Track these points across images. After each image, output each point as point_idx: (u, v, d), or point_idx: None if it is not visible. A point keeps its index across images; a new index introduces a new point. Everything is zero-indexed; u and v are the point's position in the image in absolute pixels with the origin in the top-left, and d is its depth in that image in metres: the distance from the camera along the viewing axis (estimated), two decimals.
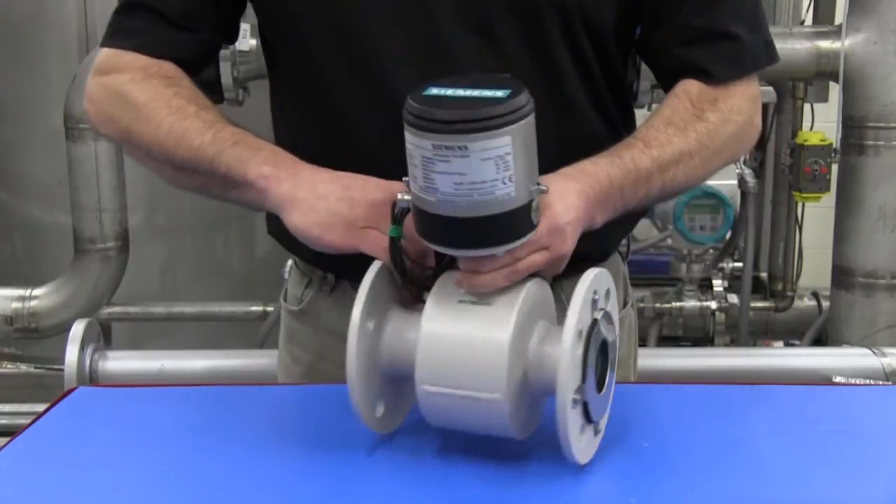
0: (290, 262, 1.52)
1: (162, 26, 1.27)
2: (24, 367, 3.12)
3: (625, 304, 1.51)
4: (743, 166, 3.06)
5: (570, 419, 1.00)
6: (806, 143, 2.90)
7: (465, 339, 1.00)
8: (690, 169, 1.22)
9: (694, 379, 2.13)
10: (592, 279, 1.03)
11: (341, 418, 1.11)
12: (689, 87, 1.27)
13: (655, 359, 2.19)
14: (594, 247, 1.42)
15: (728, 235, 3.20)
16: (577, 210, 1.08)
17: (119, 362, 2.08)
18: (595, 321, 1.03)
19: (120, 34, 1.29)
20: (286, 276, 1.54)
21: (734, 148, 1.29)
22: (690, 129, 1.22)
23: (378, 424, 1.09)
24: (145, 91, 1.22)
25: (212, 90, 1.28)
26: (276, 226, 1.22)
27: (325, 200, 1.09)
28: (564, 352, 0.99)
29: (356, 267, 1.08)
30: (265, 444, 1.14)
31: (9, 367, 3.13)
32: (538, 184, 1.00)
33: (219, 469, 1.10)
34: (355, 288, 1.05)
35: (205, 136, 1.17)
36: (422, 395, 1.02)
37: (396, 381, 1.08)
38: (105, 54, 1.29)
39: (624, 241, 1.49)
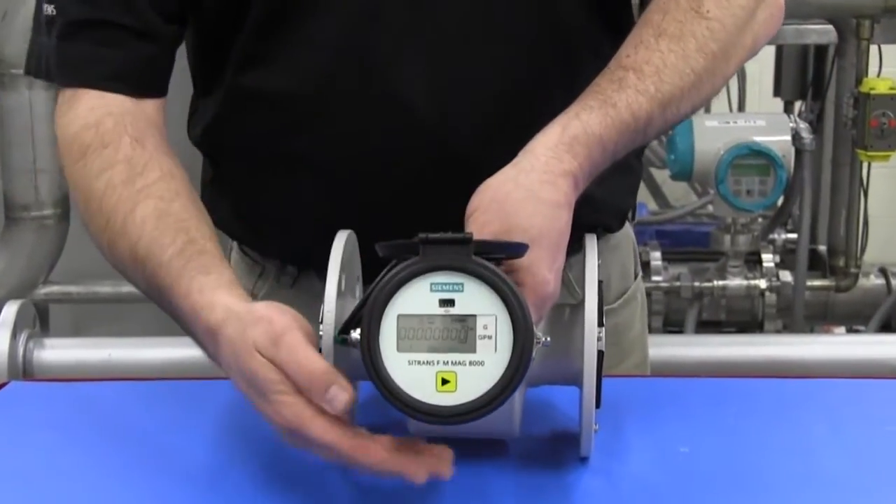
0: (231, 245, 1.51)
1: (125, 46, 1.27)
2: None
3: (635, 276, 1.52)
4: (798, 119, 3.06)
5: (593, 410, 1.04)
6: (872, 92, 2.89)
7: None
8: (696, 93, 1.20)
9: (739, 371, 2.13)
10: (597, 260, 1.07)
11: None
12: None
13: (694, 348, 2.20)
14: (608, 215, 1.43)
15: (780, 201, 3.20)
16: (562, 248, 1.07)
17: (58, 351, 2.09)
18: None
19: (70, 66, 1.29)
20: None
21: (749, 42, 1.24)
22: (689, 37, 1.19)
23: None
24: (100, 180, 1.23)
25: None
26: (214, 213, 1.23)
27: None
28: (590, 341, 1.02)
29: (326, 256, 1.08)
30: (229, 446, 1.15)
31: None
32: (537, 339, 1.00)
33: (175, 478, 1.10)
34: (323, 280, 1.06)
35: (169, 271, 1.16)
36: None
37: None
38: (63, 95, 1.30)
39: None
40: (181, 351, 2.05)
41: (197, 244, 1.14)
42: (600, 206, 1.34)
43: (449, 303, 0.95)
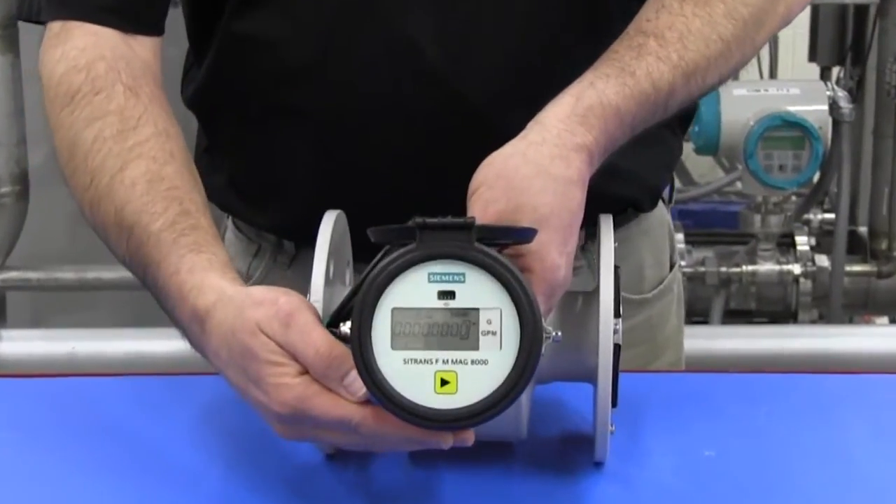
0: (225, 223, 1.52)
1: None
2: None
3: (671, 266, 1.52)
4: (835, 87, 3.06)
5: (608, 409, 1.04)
6: None
7: None
8: (724, 63, 1.20)
9: (770, 366, 2.13)
10: (612, 243, 1.08)
11: None
12: None
13: (720, 340, 2.20)
14: (638, 190, 1.42)
15: (816, 178, 3.20)
16: (574, 229, 1.07)
17: (16, 344, 2.09)
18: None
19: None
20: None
21: (782, 8, 1.24)
22: (716, 1, 1.18)
23: None
24: (88, 131, 1.22)
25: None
26: (208, 187, 1.23)
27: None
28: (606, 334, 1.03)
29: None
30: (208, 445, 1.15)
31: None
32: (547, 334, 1.00)
33: (152, 481, 1.10)
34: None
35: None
36: None
37: None
38: (51, 30, 1.29)
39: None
40: (153, 343, 2.06)
41: (190, 217, 1.14)
42: (629, 179, 1.34)
43: (449, 295, 0.94)
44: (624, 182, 1.33)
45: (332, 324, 1.00)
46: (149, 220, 1.13)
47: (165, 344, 1.62)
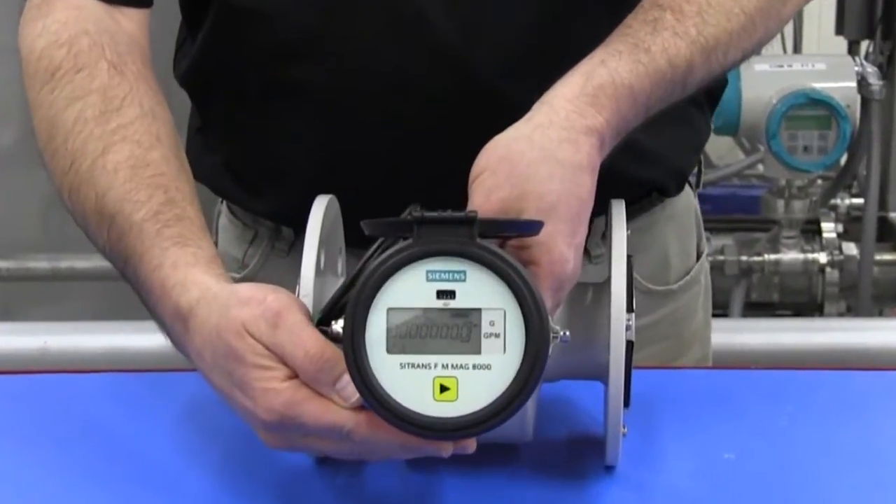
0: (219, 207, 1.52)
1: None
2: None
3: (698, 255, 1.52)
4: (864, 62, 3.05)
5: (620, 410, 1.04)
6: None
7: None
8: (747, 38, 1.20)
9: (795, 362, 2.13)
10: (625, 231, 1.08)
11: None
12: None
13: (741, 334, 2.20)
14: (663, 172, 1.42)
15: (843, 160, 3.20)
16: (583, 219, 1.06)
17: None
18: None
19: None
20: (214, 226, 1.55)
21: None
22: None
23: None
24: (69, 111, 1.22)
25: None
26: (201, 168, 1.22)
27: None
28: (617, 329, 1.03)
29: None
30: (187, 451, 1.15)
31: None
32: (555, 334, 1.00)
33: (129, 483, 1.10)
34: None
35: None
36: None
37: None
38: (31, 1, 1.29)
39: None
40: (132, 338, 2.06)
41: (176, 207, 1.13)
42: (654, 160, 1.34)
43: (448, 294, 0.93)
44: (649, 164, 1.34)
45: (322, 321, 1.00)
46: (131, 209, 1.13)
47: (145, 338, 1.61)
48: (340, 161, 1.28)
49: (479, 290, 0.93)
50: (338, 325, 0.96)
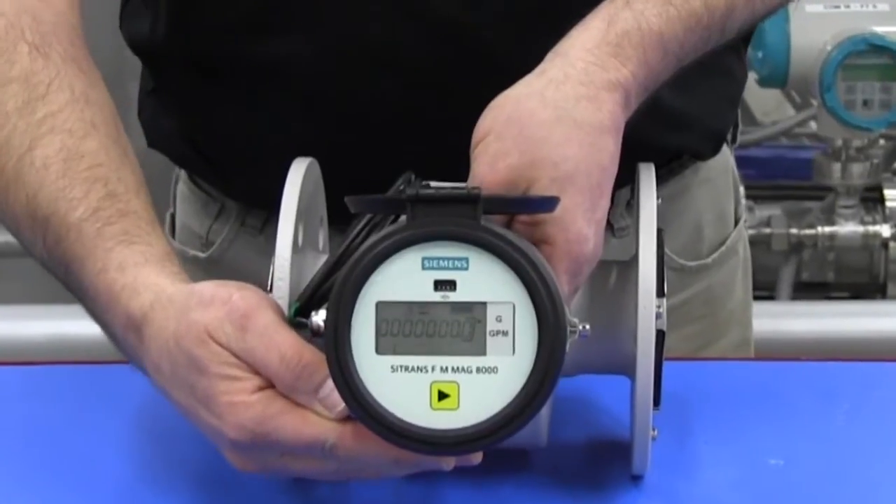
0: (176, 172, 1.53)
1: None
2: None
3: (735, 221, 1.54)
4: None
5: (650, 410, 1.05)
6: None
7: None
8: None
9: (852, 353, 2.14)
10: (655, 200, 1.08)
11: None
12: None
13: (790, 319, 2.21)
14: (697, 136, 1.43)
15: None
16: (605, 190, 1.06)
17: None
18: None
19: None
20: (172, 193, 1.56)
21: None
22: None
23: None
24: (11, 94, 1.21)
25: None
26: (156, 132, 1.22)
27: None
28: (646, 318, 1.03)
29: None
30: (139, 456, 1.16)
31: None
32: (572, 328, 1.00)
33: (75, 490, 1.11)
34: None
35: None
36: None
37: None
38: None
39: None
40: (77, 324, 2.06)
41: (118, 201, 1.13)
42: (687, 125, 1.35)
43: (448, 285, 0.93)
44: (680, 129, 1.35)
45: (300, 311, 1.00)
46: (67, 208, 1.12)
47: (92, 325, 1.60)
48: (321, 144, 1.28)
49: (483, 280, 0.93)
50: (319, 317, 0.96)
